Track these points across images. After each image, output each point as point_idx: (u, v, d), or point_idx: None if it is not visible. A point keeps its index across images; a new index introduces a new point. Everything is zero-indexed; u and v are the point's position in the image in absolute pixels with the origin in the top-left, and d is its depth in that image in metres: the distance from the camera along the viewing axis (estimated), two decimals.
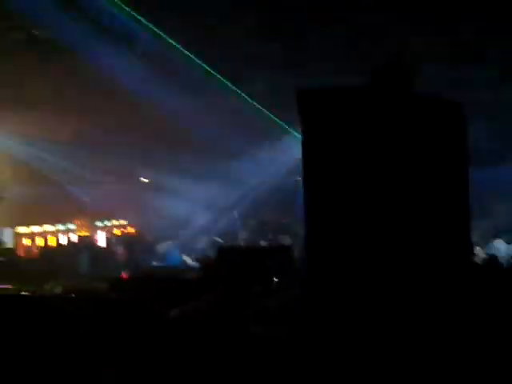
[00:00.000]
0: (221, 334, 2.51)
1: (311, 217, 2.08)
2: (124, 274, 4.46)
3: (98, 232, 14.18)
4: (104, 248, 10.10)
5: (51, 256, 7.78)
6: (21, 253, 8.93)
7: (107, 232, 14.16)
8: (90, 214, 14.25)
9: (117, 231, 14.53)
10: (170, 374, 2.32)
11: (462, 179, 2.22)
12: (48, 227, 12.35)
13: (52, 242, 10.97)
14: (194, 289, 3.11)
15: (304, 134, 2.14)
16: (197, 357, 2.41)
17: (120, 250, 9.44)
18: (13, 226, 11.17)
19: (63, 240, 11.71)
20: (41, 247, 10.23)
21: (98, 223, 14.62)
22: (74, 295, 3.26)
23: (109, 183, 13.66)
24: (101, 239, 13.10)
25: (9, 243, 9.35)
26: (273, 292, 2.89)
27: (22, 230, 11.36)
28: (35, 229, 11.85)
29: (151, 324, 2.52)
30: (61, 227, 12.77)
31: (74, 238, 12.30)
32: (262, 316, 2.60)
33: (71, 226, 13.23)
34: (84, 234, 13.47)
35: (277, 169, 12.49)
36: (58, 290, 3.42)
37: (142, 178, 15.17)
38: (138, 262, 7.54)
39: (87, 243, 10.66)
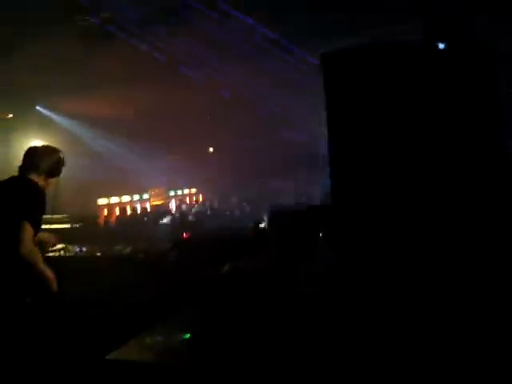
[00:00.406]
0: (270, 291, 2.65)
1: (337, 174, 2.16)
2: (185, 235, 4.77)
3: (172, 200, 14.93)
4: (173, 214, 10.65)
5: (125, 223, 8.34)
6: (101, 221, 9.67)
7: (179, 200, 14.84)
8: (166, 184, 15.03)
9: (188, 199, 15.22)
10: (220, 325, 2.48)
11: (494, 128, 2.16)
12: (125, 198, 13.17)
13: (128, 210, 11.70)
14: (248, 246, 3.26)
15: (328, 96, 2.19)
16: (246, 311, 2.58)
17: (188, 216, 9.94)
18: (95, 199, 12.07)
19: (138, 209, 12.45)
20: (117, 216, 10.96)
21: (171, 192, 15.37)
22: (140, 255, 3.56)
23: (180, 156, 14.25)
24: (173, 207, 13.75)
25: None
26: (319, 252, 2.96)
27: (101, 201, 12.24)
28: (113, 200, 12.70)
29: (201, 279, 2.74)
30: (136, 197, 13.57)
31: (148, 206, 13.02)
32: (311, 277, 2.69)
33: (145, 196, 14.00)
34: (158, 202, 14.25)
35: None
36: (127, 250, 3.75)
37: (210, 149, 15.67)
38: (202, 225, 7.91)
39: (158, 210, 11.29)
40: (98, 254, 3.75)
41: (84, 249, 3.93)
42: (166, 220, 9.64)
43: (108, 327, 2.28)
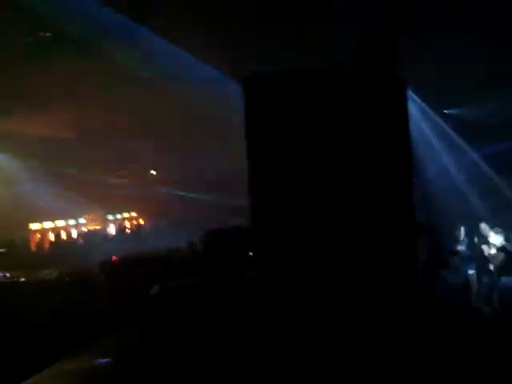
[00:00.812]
0: (201, 305, 2.67)
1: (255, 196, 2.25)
2: (114, 258, 4.66)
3: (110, 225, 14.49)
4: (108, 237, 10.39)
5: (58, 247, 8.03)
6: (32, 247, 9.23)
7: (118, 224, 14.45)
8: (104, 208, 14.58)
9: (128, 223, 14.84)
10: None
11: (405, 150, 2.34)
12: (59, 222, 12.66)
13: (62, 235, 11.27)
14: (177, 268, 3.26)
15: (247, 116, 2.30)
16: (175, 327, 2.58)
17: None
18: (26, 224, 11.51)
19: (74, 234, 12.01)
20: (51, 240, 10.53)
21: (110, 216, 14.93)
22: (67, 278, 3.45)
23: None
24: (111, 231, 13.38)
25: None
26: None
27: (34, 226, 11.69)
28: (47, 224, 12.17)
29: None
30: (72, 222, 13.08)
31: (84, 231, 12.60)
32: (240, 297, 2.75)
33: (82, 221, 13.52)
34: (96, 227, 13.79)
35: None
36: (54, 274, 3.62)
37: (152, 172, 15.45)
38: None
39: (90, 235, 10.96)
40: (23, 279, 3.59)
41: (7, 274, 3.75)
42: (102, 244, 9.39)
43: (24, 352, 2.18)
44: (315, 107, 2.12)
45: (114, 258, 4.64)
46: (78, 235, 11.41)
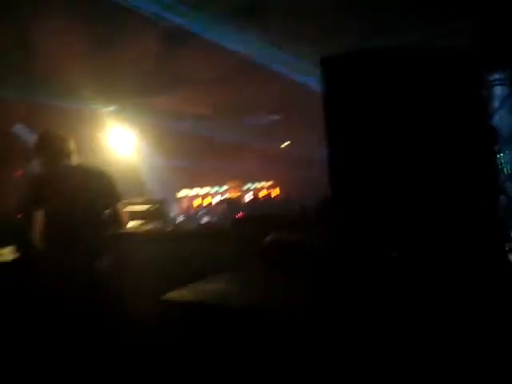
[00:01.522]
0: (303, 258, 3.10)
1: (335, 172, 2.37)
2: (239, 214, 5.33)
3: (249, 192, 15.69)
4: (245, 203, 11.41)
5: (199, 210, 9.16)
6: (181, 210, 10.65)
7: (255, 192, 15.57)
8: (242, 178, 15.84)
9: (264, 191, 15.89)
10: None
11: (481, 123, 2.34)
12: (204, 190, 14.14)
13: (206, 202, 12.61)
14: (292, 225, 3.72)
15: (326, 97, 2.34)
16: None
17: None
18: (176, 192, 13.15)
19: (215, 200, 13.33)
20: (196, 205, 11.88)
21: (249, 185, 16.17)
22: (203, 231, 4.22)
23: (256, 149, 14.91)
24: (249, 198, 14.49)
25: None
26: None
27: (181, 193, 13.29)
28: (194, 191, 13.72)
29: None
30: (214, 190, 14.49)
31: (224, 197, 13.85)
32: None
33: (224, 188, 14.89)
34: (235, 194, 15.06)
35: None
36: (192, 227, 4.42)
37: (286, 143, 16.18)
38: None
39: (229, 201, 12.07)
40: (169, 229, 4.44)
41: (158, 225, 4.66)
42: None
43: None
44: (394, 86, 2.18)
45: (239, 214, 5.33)
46: (219, 201, 12.66)
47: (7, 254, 3.81)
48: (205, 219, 7.74)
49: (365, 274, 2.27)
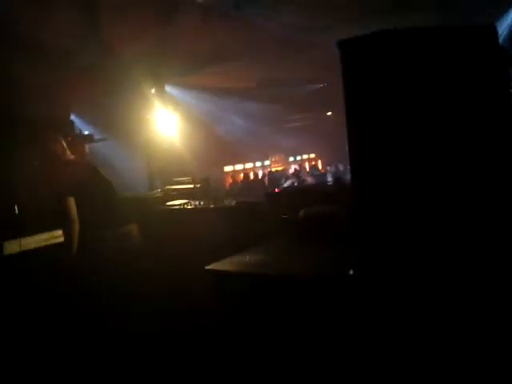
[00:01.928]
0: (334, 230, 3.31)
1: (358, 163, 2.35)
2: (276, 189, 5.56)
3: (292, 166, 15.85)
4: (287, 176, 11.61)
5: (241, 185, 9.45)
6: (226, 184, 11.02)
7: (299, 166, 15.71)
8: (286, 151, 15.99)
9: (306, 164, 16.00)
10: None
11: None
12: (248, 164, 14.44)
13: (250, 176, 12.91)
14: (323, 199, 3.92)
15: (347, 84, 2.32)
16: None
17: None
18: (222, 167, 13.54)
19: (260, 174, 13.61)
20: (240, 180, 12.19)
21: (291, 158, 16.30)
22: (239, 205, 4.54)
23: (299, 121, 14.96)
24: (291, 171, 14.65)
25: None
26: None
27: (227, 168, 13.65)
28: (238, 167, 14.05)
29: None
30: (258, 164, 14.75)
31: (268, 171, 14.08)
32: None
33: (267, 163, 15.12)
34: (279, 168, 15.26)
35: None
36: (233, 203, 4.70)
37: (328, 113, 16.11)
38: None
39: (273, 175, 12.29)
40: (212, 206, 4.75)
41: (202, 203, 4.98)
42: (285, 184, 10.64)
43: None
44: (414, 67, 2.13)
45: (276, 189, 5.56)
46: (263, 175, 12.92)
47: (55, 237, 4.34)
48: (248, 194, 8.04)
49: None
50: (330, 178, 11.62)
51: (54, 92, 7.21)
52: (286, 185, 10.61)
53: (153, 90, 8.47)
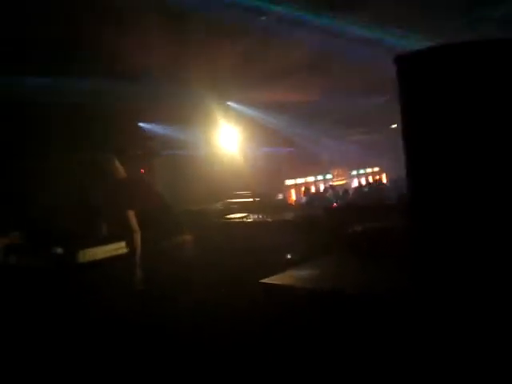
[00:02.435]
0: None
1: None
2: (334, 204, 5.50)
3: (354, 179, 15.62)
4: (349, 190, 11.43)
5: (310, 198, 9.45)
6: (287, 198, 11.06)
7: (361, 179, 15.46)
8: (348, 165, 15.81)
9: (370, 178, 15.67)
10: None
11: None
12: (309, 178, 14.41)
13: (312, 189, 12.87)
14: (381, 215, 3.86)
15: (403, 99, 2.31)
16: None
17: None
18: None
19: (321, 187, 13.52)
20: (303, 193, 12.18)
21: (354, 172, 16.07)
22: (299, 219, 4.53)
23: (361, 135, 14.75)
24: (354, 184, 14.43)
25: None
26: None
27: (289, 182, 13.70)
28: (299, 180, 14.06)
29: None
30: (320, 177, 14.68)
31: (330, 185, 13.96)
32: None
33: (328, 176, 15.00)
34: (341, 182, 15.10)
35: None
36: (290, 216, 4.74)
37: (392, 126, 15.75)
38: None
39: (335, 189, 12.15)
40: (269, 219, 4.81)
41: (260, 216, 5.05)
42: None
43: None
44: (469, 82, 2.12)
45: (333, 204, 5.52)
46: (325, 188, 12.81)
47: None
48: (309, 206, 8.01)
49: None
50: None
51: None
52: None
53: (223, 104, 8.69)
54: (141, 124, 8.67)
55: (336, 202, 7.28)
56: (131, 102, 8.00)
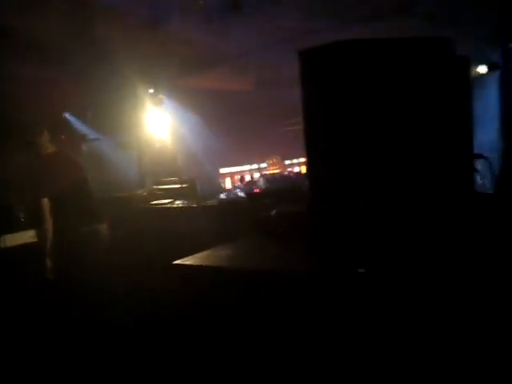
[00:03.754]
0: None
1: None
2: (256, 190, 5.67)
3: (287, 169, 15.93)
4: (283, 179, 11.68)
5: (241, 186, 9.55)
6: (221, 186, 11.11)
7: (296, 168, 15.80)
8: (283, 154, 16.06)
9: (303, 167, 16.07)
10: None
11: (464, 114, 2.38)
12: (245, 167, 14.52)
13: (246, 178, 13.01)
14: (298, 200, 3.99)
15: (305, 92, 2.37)
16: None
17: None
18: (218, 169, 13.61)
19: (255, 176, 13.68)
20: (235, 182, 12.28)
21: (287, 161, 16.38)
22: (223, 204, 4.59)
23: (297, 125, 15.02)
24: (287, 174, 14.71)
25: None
26: None
27: (223, 170, 13.72)
28: (234, 169, 14.12)
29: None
30: (255, 166, 14.82)
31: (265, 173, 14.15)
32: None
33: (263, 165, 15.19)
34: (275, 171, 15.33)
35: None
36: (215, 202, 4.78)
37: None
38: None
39: (268, 177, 12.35)
40: (194, 205, 4.83)
41: (186, 202, 5.07)
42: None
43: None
44: (372, 78, 2.18)
45: (255, 190, 5.67)
46: (259, 177, 13.00)
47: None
48: (241, 194, 8.12)
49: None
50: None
51: (48, 91, 7.33)
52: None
53: (149, 91, 8.57)
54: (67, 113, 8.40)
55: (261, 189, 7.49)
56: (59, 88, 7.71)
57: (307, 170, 2.52)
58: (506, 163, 4.91)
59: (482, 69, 5.77)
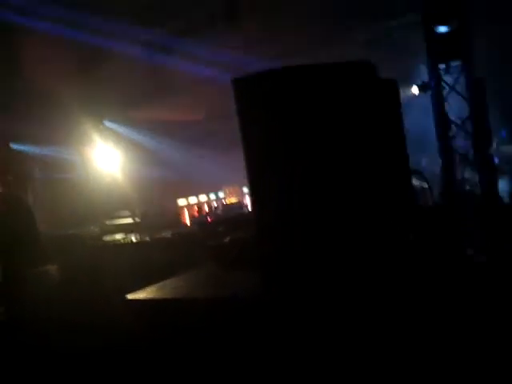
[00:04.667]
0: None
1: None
2: (209, 219, 5.69)
3: (246, 197, 15.86)
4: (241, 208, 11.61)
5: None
6: (183, 220, 10.92)
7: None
8: (239, 182, 16.04)
9: None
10: None
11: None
12: (202, 197, 14.36)
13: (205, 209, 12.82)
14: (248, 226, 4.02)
15: (242, 120, 2.43)
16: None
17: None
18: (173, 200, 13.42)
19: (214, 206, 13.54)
20: (195, 214, 12.09)
21: (245, 189, 16.34)
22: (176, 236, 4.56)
23: None
24: (247, 202, 14.65)
25: None
26: None
27: (181, 201, 13.51)
28: (192, 200, 13.94)
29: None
30: (212, 196, 14.69)
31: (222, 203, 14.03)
32: None
33: (221, 195, 15.07)
34: (234, 200, 15.24)
35: None
36: (168, 235, 4.76)
37: None
38: None
39: (226, 207, 12.24)
40: (147, 239, 4.77)
41: (138, 236, 5.00)
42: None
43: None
44: (305, 105, 2.27)
45: (209, 219, 5.69)
46: (217, 208, 12.87)
47: None
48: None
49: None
50: None
51: None
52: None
53: (98, 126, 8.49)
54: (14, 145, 8.15)
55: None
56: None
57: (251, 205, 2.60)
58: (445, 177, 5.19)
59: (415, 89, 6.06)
